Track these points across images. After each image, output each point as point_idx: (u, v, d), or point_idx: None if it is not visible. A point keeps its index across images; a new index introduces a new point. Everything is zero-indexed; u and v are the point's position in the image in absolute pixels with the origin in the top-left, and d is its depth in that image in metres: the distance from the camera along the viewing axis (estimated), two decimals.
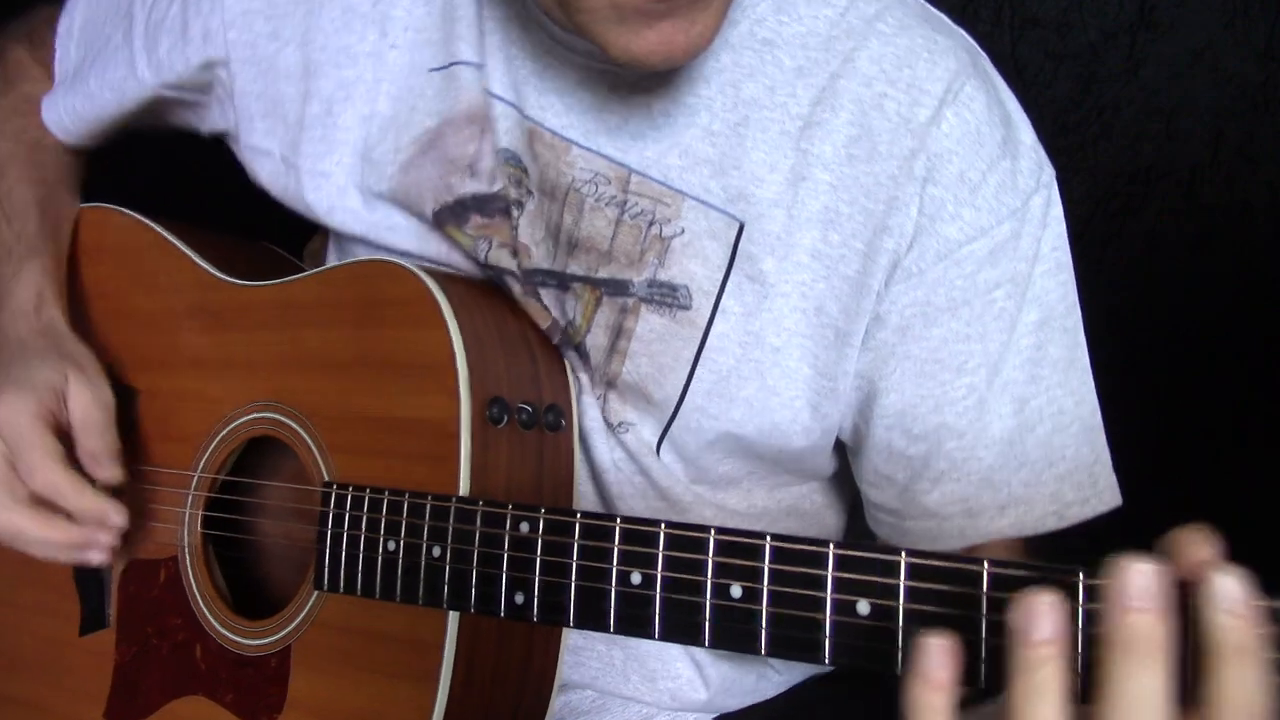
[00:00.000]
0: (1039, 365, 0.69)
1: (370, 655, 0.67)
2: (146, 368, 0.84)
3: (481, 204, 0.73)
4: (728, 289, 0.69)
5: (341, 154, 0.76)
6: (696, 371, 0.70)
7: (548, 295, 0.73)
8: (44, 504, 0.73)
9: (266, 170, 0.80)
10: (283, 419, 0.74)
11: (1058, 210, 0.70)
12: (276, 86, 0.78)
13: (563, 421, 0.71)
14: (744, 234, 0.68)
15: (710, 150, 0.69)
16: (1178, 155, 1.38)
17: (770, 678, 0.84)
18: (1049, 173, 0.70)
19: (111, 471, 0.76)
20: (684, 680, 0.79)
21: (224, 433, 0.77)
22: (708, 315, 0.69)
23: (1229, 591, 0.40)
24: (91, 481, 0.75)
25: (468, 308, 0.69)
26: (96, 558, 0.75)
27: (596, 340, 0.71)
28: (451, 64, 0.73)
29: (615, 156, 0.70)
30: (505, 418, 0.67)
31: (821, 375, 0.70)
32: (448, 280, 0.71)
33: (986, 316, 0.68)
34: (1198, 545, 0.41)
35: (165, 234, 0.86)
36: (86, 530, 0.74)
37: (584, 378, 0.73)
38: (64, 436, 0.75)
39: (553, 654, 0.71)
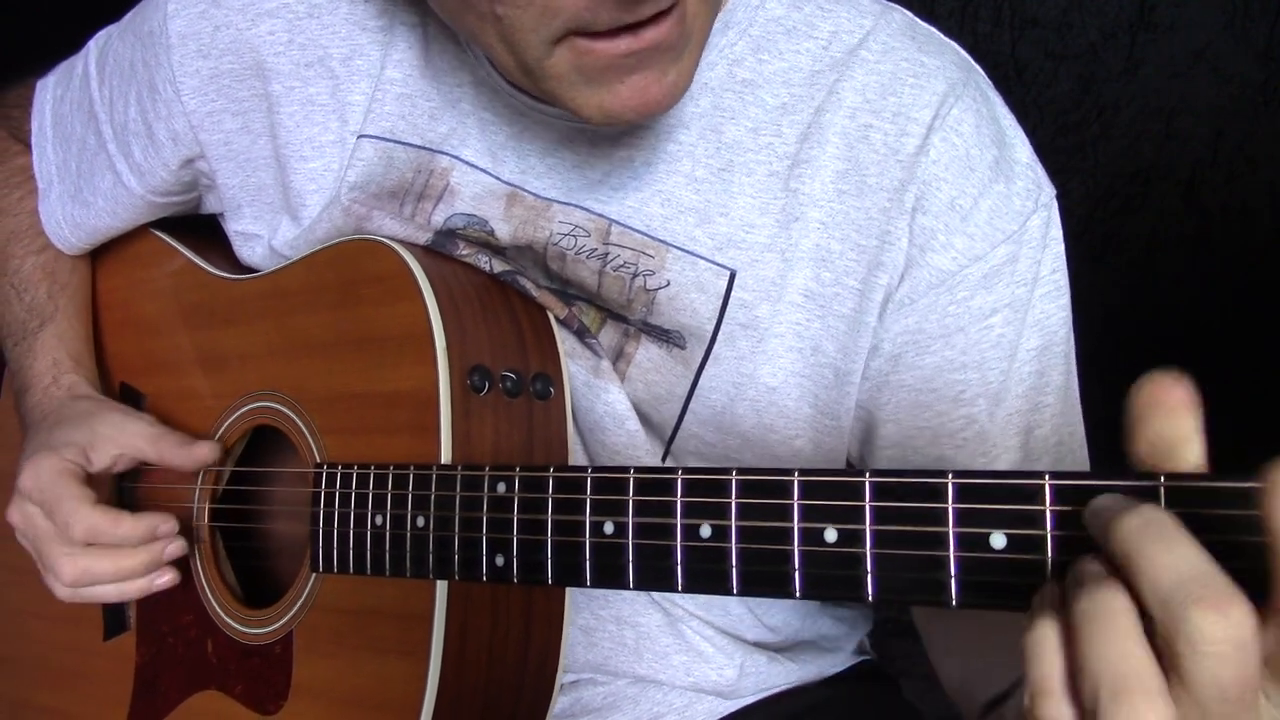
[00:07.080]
0: (1042, 393, 0.66)
1: (366, 633, 0.67)
2: (153, 372, 0.85)
3: (457, 236, 0.72)
4: (719, 339, 0.67)
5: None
6: (691, 405, 0.69)
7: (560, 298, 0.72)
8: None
9: (258, 253, 0.80)
10: (278, 407, 0.74)
11: (1057, 231, 0.67)
12: (257, 176, 0.78)
13: (551, 390, 0.70)
14: (735, 282, 0.66)
15: (694, 198, 0.67)
16: (1178, 155, 1.37)
17: (781, 662, 0.81)
18: (1048, 192, 0.66)
19: (207, 450, 0.75)
20: (696, 654, 0.77)
21: (225, 426, 0.78)
22: (700, 359, 0.68)
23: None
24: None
25: (446, 280, 0.69)
26: (166, 577, 0.75)
27: (607, 342, 0.71)
28: (388, 140, 0.72)
29: (594, 208, 0.68)
30: (487, 385, 0.66)
31: (824, 415, 0.68)
32: (428, 254, 0.71)
33: (984, 344, 0.65)
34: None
35: (167, 239, 0.87)
36: (153, 547, 0.73)
37: (605, 364, 0.71)
38: (97, 484, 0.76)
39: (555, 630, 0.69)
